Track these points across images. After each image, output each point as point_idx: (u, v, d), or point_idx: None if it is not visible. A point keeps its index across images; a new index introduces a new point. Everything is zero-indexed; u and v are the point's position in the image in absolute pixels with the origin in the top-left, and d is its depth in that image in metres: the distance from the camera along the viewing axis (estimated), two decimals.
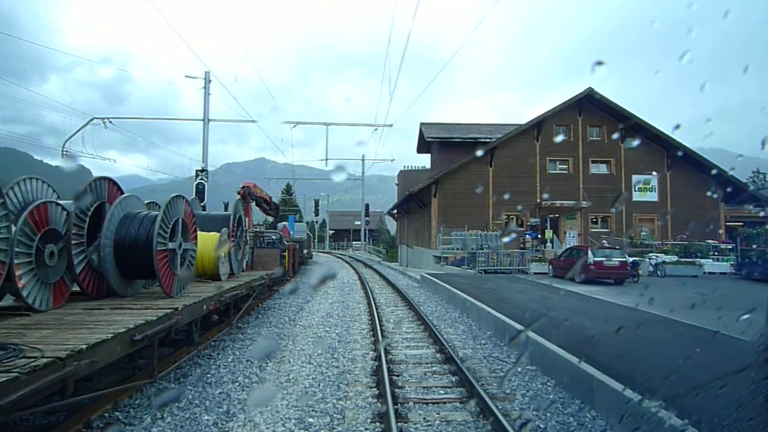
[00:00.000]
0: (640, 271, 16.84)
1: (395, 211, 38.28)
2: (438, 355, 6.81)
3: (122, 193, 5.95)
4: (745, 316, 2.30)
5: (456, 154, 26.50)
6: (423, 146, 31.76)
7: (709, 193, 23.44)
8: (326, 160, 21.65)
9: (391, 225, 70.17)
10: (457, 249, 23.01)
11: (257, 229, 13.48)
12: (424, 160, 36.42)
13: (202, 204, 16.96)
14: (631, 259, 16.21)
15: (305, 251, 21.03)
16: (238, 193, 13.52)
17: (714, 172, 23.53)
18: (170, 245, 5.62)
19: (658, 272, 18.83)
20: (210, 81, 21.04)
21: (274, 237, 12.69)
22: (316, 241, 58.26)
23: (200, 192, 18.87)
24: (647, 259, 19.50)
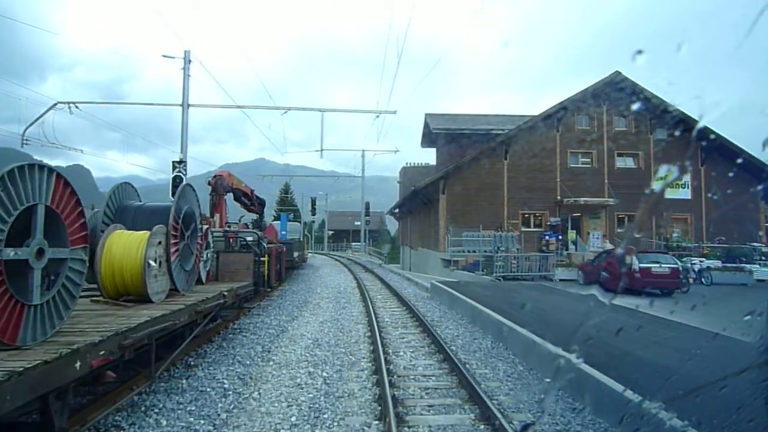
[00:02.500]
0: (691, 280, 14.30)
1: (397, 210, 35.76)
2: (483, 426, 4.27)
3: None
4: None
5: (465, 148, 24.00)
6: (428, 140, 29.26)
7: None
8: (321, 150, 19.16)
9: (391, 226, 67.72)
10: (469, 252, 20.51)
11: (229, 229, 10.93)
12: (428, 157, 34.05)
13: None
14: (680, 266, 13.70)
15: (297, 254, 18.47)
16: (209, 183, 11.06)
17: None
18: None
19: (703, 280, 16.32)
20: (190, 61, 18.60)
21: (249, 238, 10.18)
22: (312, 242, 55.77)
23: (177, 186, 16.37)
24: (689, 265, 16.99)
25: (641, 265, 12.81)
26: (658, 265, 12.82)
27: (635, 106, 21.94)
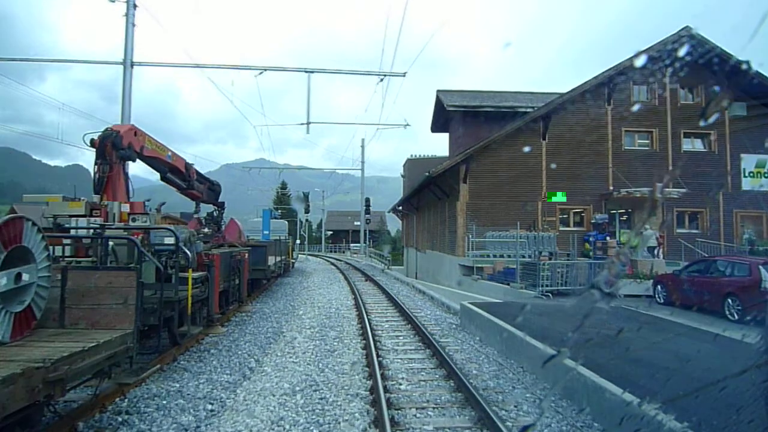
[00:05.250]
0: None
1: (401, 206, 31.31)
2: None
3: None
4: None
5: (486, 130, 19.55)
6: (440, 122, 24.90)
7: None
8: (307, 124, 14.80)
9: (392, 226, 63.28)
10: (495, 256, 16.19)
11: (132, 223, 6.34)
12: (437, 148, 29.70)
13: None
14: None
15: (276, 260, 14.00)
16: (92, 144, 6.56)
17: None
18: None
19: None
20: (136, 6, 14.32)
21: (168, 240, 5.77)
22: (307, 243, 51.33)
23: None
24: None
25: None
26: None
27: (707, 73, 17.38)
